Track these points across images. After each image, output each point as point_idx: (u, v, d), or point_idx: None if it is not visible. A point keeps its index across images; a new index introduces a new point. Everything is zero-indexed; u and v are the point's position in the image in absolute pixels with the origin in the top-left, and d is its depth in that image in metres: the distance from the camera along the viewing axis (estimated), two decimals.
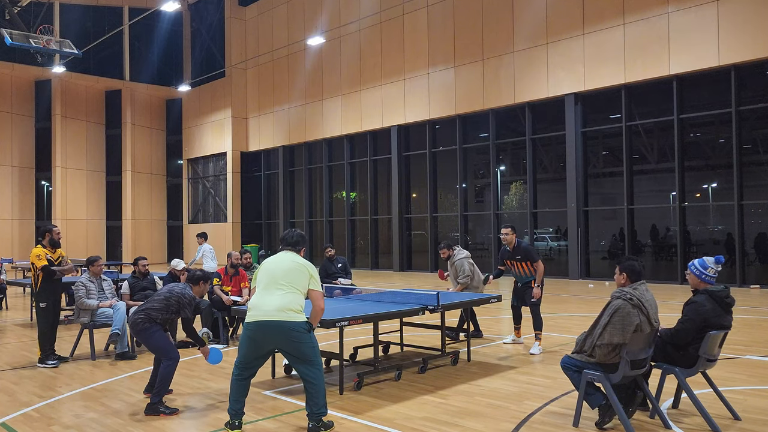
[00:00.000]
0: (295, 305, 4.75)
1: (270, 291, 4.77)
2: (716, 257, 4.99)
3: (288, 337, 4.70)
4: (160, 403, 5.45)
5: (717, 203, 16.53)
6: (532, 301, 7.90)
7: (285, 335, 4.70)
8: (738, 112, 15.36)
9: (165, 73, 32.06)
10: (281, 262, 4.92)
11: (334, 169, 26.07)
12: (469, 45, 20.52)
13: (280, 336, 4.71)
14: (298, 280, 4.82)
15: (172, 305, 5.80)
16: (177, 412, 5.45)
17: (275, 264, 4.92)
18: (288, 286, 4.77)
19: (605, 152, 18.85)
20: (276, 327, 4.68)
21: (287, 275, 4.81)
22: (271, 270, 4.87)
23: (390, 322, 7.53)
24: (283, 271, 4.83)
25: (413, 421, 5.08)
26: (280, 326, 4.67)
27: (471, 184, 22.05)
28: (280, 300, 4.72)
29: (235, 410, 4.80)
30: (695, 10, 15.65)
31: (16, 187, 29.09)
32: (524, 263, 7.96)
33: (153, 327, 5.66)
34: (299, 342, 4.71)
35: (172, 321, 6.05)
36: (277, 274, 4.82)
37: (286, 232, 5.15)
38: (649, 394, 4.96)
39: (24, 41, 16.78)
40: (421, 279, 19.37)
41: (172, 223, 32.65)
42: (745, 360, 7.21)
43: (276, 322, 4.67)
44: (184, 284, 6.05)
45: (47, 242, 7.57)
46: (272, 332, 4.71)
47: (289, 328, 4.68)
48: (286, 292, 4.75)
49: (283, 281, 4.78)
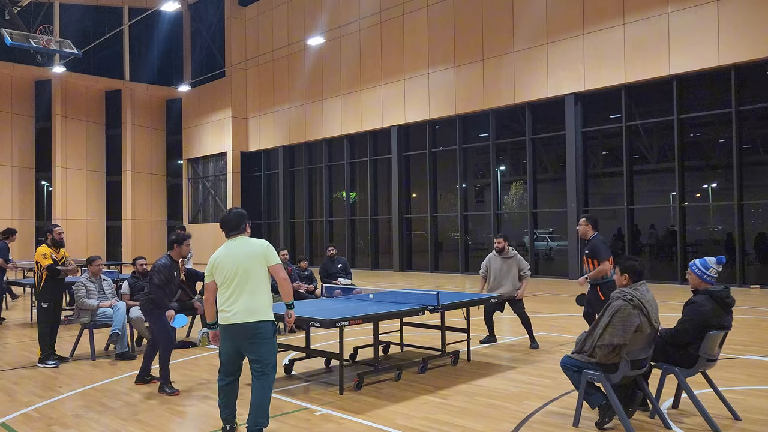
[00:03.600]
0: (265, 304, 4.64)
1: (235, 291, 4.62)
2: (718, 257, 4.99)
3: (251, 339, 4.59)
4: (166, 384, 6.08)
5: (717, 203, 16.53)
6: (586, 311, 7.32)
7: (248, 336, 4.59)
8: (738, 112, 15.35)
9: (165, 73, 32.05)
10: (234, 255, 4.69)
11: (334, 169, 26.07)
12: (469, 45, 20.52)
13: (244, 337, 4.60)
14: (259, 273, 4.66)
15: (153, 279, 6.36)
16: (177, 392, 6.02)
17: (228, 258, 4.69)
18: (253, 282, 4.62)
19: (605, 152, 18.85)
20: (240, 329, 4.58)
21: (248, 270, 4.63)
22: (227, 267, 4.66)
23: (390, 322, 7.53)
24: (243, 267, 4.63)
25: (413, 421, 5.08)
26: (249, 327, 4.57)
27: (471, 184, 22.04)
28: (248, 303, 4.59)
29: (226, 415, 4.73)
30: (695, 10, 15.65)
31: (16, 187, 29.09)
32: (590, 260, 7.12)
33: (157, 310, 6.29)
34: (260, 344, 4.60)
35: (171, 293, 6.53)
36: (237, 272, 4.63)
37: (223, 216, 4.85)
38: (649, 394, 4.96)
39: (24, 41, 16.76)
40: (421, 279, 19.37)
41: (172, 223, 32.63)
42: (745, 360, 7.20)
43: (246, 324, 4.58)
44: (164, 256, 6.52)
45: (50, 242, 7.58)
46: (238, 334, 4.61)
47: (253, 329, 4.58)
48: (253, 290, 4.61)
49: (245, 278, 4.61)
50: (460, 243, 21.15)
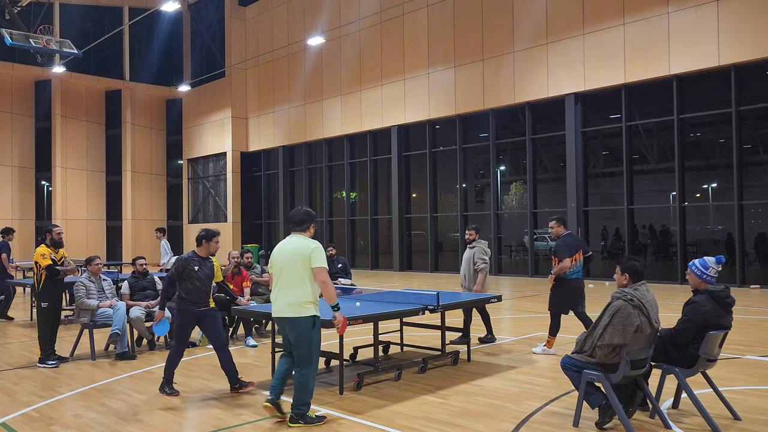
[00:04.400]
0: (304, 300, 4.97)
1: (279, 286, 5.06)
2: (717, 257, 4.98)
3: (289, 332, 5.04)
4: (167, 384, 6.03)
5: (717, 203, 16.53)
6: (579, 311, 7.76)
7: (287, 329, 5.06)
8: (738, 112, 15.35)
9: (165, 73, 32.05)
10: (284, 251, 5.05)
11: (334, 169, 26.07)
12: (469, 45, 20.52)
13: (285, 330, 5.08)
14: (301, 272, 4.96)
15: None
16: (177, 393, 5.99)
17: (280, 254, 5.09)
18: (293, 279, 4.96)
19: (605, 152, 18.85)
20: (285, 322, 5.05)
21: (292, 270, 4.97)
22: (278, 262, 5.07)
23: (390, 322, 7.53)
24: (287, 263, 5.00)
25: (413, 421, 5.08)
26: (287, 321, 5.03)
27: (471, 184, 22.04)
28: (288, 297, 4.99)
29: (273, 386, 5.15)
30: (695, 10, 15.65)
31: (16, 187, 29.09)
32: (554, 258, 7.70)
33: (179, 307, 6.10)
34: (296, 337, 5.01)
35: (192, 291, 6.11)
36: (282, 267, 5.02)
37: (292, 212, 5.17)
38: (649, 394, 4.96)
39: (24, 41, 16.76)
40: (421, 279, 19.37)
41: (172, 223, 32.63)
42: (745, 360, 7.21)
43: (284, 318, 5.03)
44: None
45: (49, 242, 7.58)
46: (281, 327, 5.13)
47: (294, 322, 4.99)
48: (291, 286, 4.97)
49: (287, 274, 4.98)
50: (460, 243, 21.15)
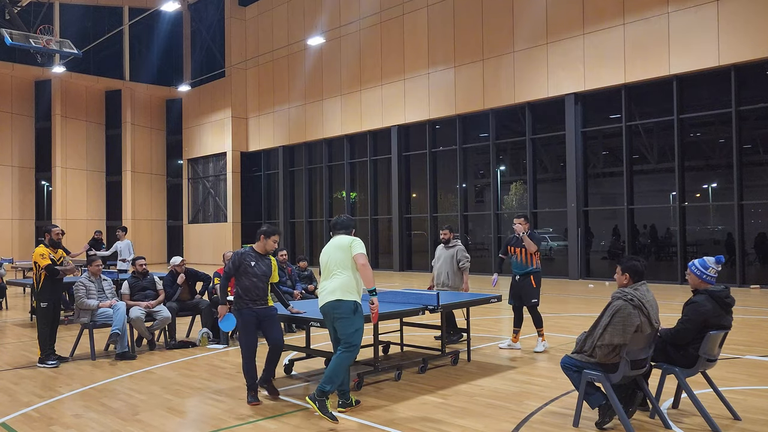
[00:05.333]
0: (346, 286, 5.30)
1: (326, 278, 5.46)
2: (717, 257, 4.98)
3: (333, 316, 5.31)
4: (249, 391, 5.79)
5: (717, 203, 16.53)
6: (533, 302, 7.91)
7: (331, 314, 5.32)
8: (738, 112, 15.35)
9: (165, 73, 32.05)
10: (330, 249, 5.52)
11: (334, 169, 26.07)
12: (469, 45, 20.51)
13: (330, 315, 5.34)
14: (343, 260, 5.38)
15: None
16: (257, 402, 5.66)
17: (325, 252, 5.55)
18: (337, 270, 5.37)
19: (605, 152, 18.85)
20: (328, 308, 5.34)
21: (335, 260, 5.42)
22: (324, 259, 5.53)
23: (390, 322, 7.53)
24: (332, 258, 5.45)
25: (413, 421, 5.08)
26: (330, 306, 5.32)
27: (471, 184, 22.04)
28: (331, 284, 5.36)
29: (340, 389, 5.39)
30: (695, 10, 15.65)
31: (16, 187, 29.08)
32: (526, 251, 7.91)
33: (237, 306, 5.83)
34: (340, 320, 5.28)
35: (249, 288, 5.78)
36: (328, 262, 5.47)
37: (339, 219, 5.65)
38: (649, 394, 4.96)
39: (24, 41, 16.75)
40: (421, 279, 19.36)
41: (172, 223, 32.65)
42: (745, 360, 7.21)
43: (328, 303, 5.33)
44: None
45: (48, 242, 7.59)
46: (326, 314, 5.39)
47: (335, 306, 5.28)
48: (336, 277, 5.36)
49: (332, 267, 5.42)
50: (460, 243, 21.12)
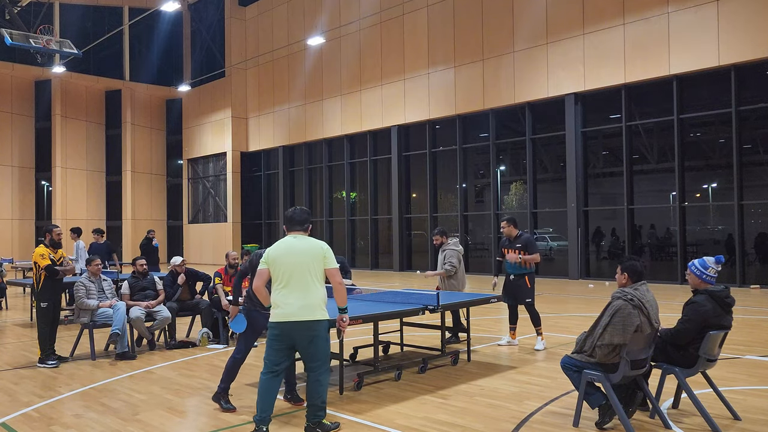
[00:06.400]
0: (323, 302, 4.72)
1: (290, 288, 4.65)
2: (716, 257, 4.98)
3: (308, 337, 4.66)
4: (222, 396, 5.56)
5: (717, 203, 16.52)
6: (527, 301, 7.94)
7: (305, 334, 4.66)
8: (738, 112, 15.35)
9: (165, 73, 32.05)
10: (293, 251, 4.72)
11: (334, 169, 26.06)
12: (469, 45, 20.51)
13: (301, 335, 4.66)
14: (317, 270, 4.71)
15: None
16: (232, 409, 5.45)
17: (288, 254, 4.72)
18: (313, 281, 4.67)
19: (605, 152, 18.85)
20: (301, 326, 4.64)
21: (308, 268, 4.68)
22: (286, 263, 4.69)
23: (390, 322, 7.53)
24: (299, 264, 4.67)
25: (413, 421, 5.08)
26: (307, 325, 4.64)
27: (471, 184, 22.04)
28: (309, 298, 4.65)
29: (260, 417, 4.66)
30: (695, 10, 15.65)
31: (16, 187, 29.08)
32: (522, 252, 8.04)
33: (247, 307, 5.62)
34: (317, 341, 4.70)
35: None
36: (293, 268, 4.67)
37: (291, 211, 4.93)
38: (649, 394, 4.95)
39: (24, 41, 16.75)
40: (421, 279, 19.37)
41: (172, 223, 32.65)
42: (745, 360, 7.20)
43: (305, 322, 4.63)
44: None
45: (48, 242, 7.58)
46: (294, 332, 4.67)
47: (311, 327, 4.65)
48: (307, 288, 4.65)
49: (301, 275, 4.65)
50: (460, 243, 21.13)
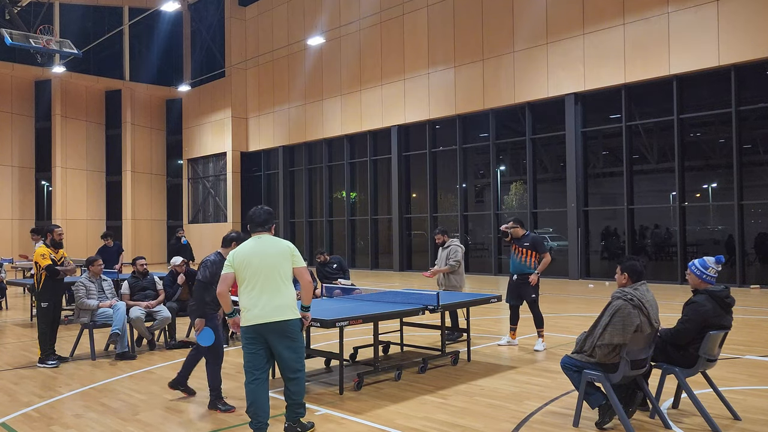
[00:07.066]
0: (293, 302, 4.67)
1: (259, 289, 4.59)
2: (717, 257, 4.98)
3: (282, 337, 4.61)
4: (217, 400, 5.57)
5: (717, 203, 16.52)
6: (532, 297, 7.96)
7: (279, 335, 4.60)
8: (738, 112, 15.35)
9: (165, 73, 32.04)
10: (260, 252, 4.66)
11: (334, 169, 26.06)
12: (469, 45, 20.51)
13: (275, 336, 4.60)
14: (287, 270, 4.68)
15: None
16: (233, 410, 5.47)
17: (255, 255, 4.65)
18: (282, 281, 4.63)
19: (605, 152, 18.85)
20: (275, 327, 4.58)
21: (278, 269, 4.63)
22: (254, 264, 4.62)
23: (390, 322, 7.53)
24: (267, 264, 4.62)
25: (413, 421, 5.08)
26: (278, 325, 4.58)
27: (471, 184, 22.04)
28: (279, 299, 4.59)
29: (257, 425, 4.58)
30: (695, 10, 15.64)
31: (16, 187, 29.08)
32: (530, 252, 8.06)
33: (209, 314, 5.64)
34: (291, 342, 4.64)
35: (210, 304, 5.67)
36: (261, 269, 4.61)
37: (252, 211, 4.87)
38: (649, 394, 4.96)
39: (24, 41, 16.76)
40: (421, 279, 19.36)
41: (172, 223, 32.63)
42: (745, 360, 7.20)
43: (276, 322, 4.57)
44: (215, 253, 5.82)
45: (49, 242, 7.59)
46: (267, 333, 4.60)
47: (284, 328, 4.60)
48: (277, 288, 4.60)
49: (270, 276, 4.60)
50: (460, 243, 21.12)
